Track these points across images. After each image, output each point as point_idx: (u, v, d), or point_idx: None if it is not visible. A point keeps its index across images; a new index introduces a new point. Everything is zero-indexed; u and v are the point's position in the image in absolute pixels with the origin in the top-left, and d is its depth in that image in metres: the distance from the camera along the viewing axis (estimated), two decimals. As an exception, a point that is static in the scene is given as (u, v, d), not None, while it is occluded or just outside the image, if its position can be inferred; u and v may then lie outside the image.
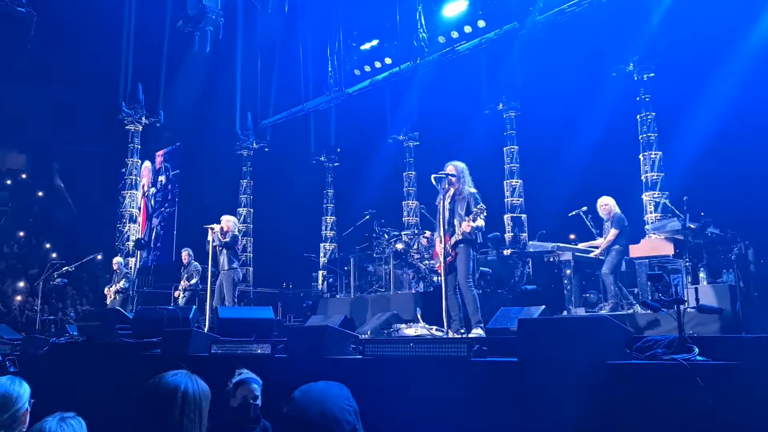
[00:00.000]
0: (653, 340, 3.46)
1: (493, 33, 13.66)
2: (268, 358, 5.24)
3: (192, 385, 1.99)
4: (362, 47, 16.34)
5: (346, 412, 1.77)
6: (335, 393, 1.83)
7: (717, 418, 2.96)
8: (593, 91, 13.78)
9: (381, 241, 11.37)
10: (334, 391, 1.84)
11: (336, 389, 1.85)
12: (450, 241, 6.46)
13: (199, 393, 2.00)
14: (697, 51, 11.97)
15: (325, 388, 1.84)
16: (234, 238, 9.64)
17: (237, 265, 9.67)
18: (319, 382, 1.88)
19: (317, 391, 1.82)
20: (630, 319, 6.92)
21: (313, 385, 1.86)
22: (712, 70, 11.98)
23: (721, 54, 11.84)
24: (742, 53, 11.75)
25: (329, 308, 11.21)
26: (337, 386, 1.87)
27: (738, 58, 11.82)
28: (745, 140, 11.22)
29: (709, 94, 12.00)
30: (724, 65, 11.93)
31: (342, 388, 1.87)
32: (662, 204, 12.39)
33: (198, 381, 2.04)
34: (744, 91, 11.67)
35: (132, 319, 7.36)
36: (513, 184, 16.10)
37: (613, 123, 13.62)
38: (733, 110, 11.71)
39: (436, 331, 6.74)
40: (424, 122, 17.90)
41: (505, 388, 3.77)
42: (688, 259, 7.00)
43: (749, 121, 11.37)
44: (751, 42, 11.65)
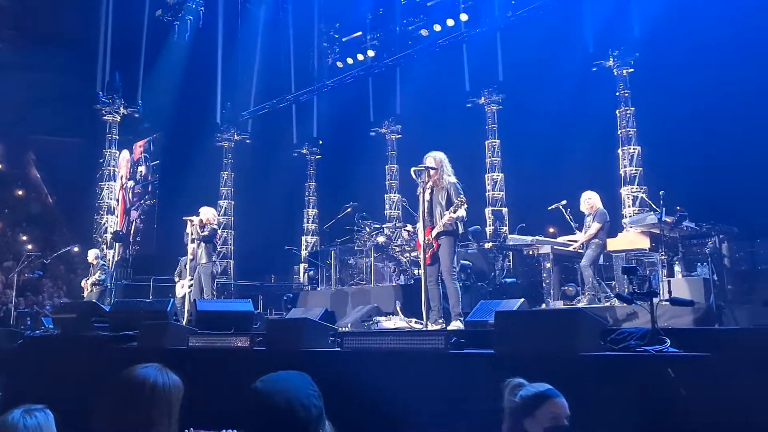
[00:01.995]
0: (627, 332, 3.51)
1: (475, 27, 13.68)
2: (247, 351, 5.23)
3: (162, 378, 1.98)
4: (345, 39, 16.28)
5: (312, 397, 1.77)
6: (298, 380, 1.82)
7: (687, 408, 3.01)
8: (574, 85, 13.85)
9: (362, 234, 11.38)
10: (297, 378, 1.83)
11: (298, 377, 1.84)
12: (431, 233, 6.47)
13: (170, 386, 1.98)
14: (675, 47, 12.09)
15: (287, 377, 1.83)
16: (213, 231, 9.57)
17: (215, 258, 9.62)
18: (279, 371, 1.86)
19: (280, 379, 1.81)
20: (608, 311, 6.99)
21: (274, 375, 1.84)
22: (691, 65, 12.10)
23: (699, 51, 11.96)
24: (720, 50, 11.88)
25: (310, 301, 11.21)
26: (298, 374, 1.86)
27: (716, 54, 11.95)
28: (720, 136, 11.37)
29: (688, 90, 12.12)
30: (702, 62, 12.06)
31: (303, 375, 1.86)
32: (640, 198, 12.53)
33: (169, 374, 2.03)
34: (722, 87, 11.80)
35: (108, 312, 7.29)
36: (494, 178, 16.17)
37: (593, 118, 13.72)
38: (711, 107, 11.85)
39: (415, 324, 6.77)
40: (406, 115, 17.88)
41: (481, 379, 3.79)
42: (664, 252, 7.09)
43: (725, 117, 11.51)
44: (728, 38, 11.78)
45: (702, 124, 11.83)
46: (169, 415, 1.94)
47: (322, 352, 4.78)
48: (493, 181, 16.15)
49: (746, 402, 2.92)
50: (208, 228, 9.49)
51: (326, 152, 19.78)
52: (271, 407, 1.72)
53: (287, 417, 1.71)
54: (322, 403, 1.79)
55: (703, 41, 11.84)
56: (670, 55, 12.33)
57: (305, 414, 1.72)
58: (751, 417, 2.93)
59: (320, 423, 1.76)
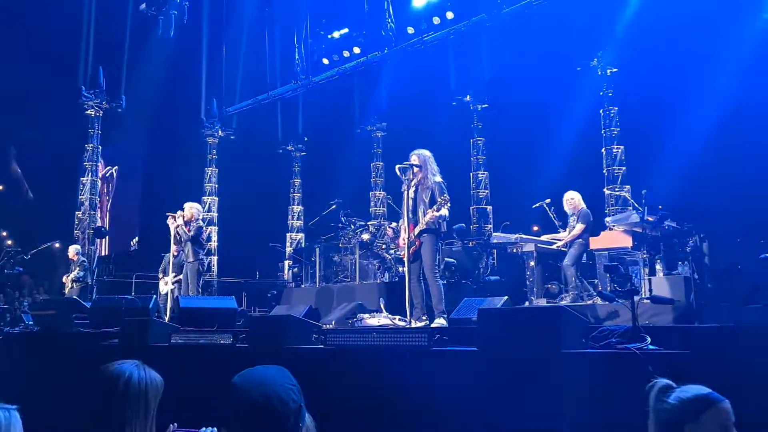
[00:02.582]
0: (608, 329, 3.53)
1: (461, 24, 13.68)
2: (229, 348, 5.21)
3: (138, 374, 1.95)
4: (330, 36, 16.20)
5: (291, 391, 1.75)
6: (276, 374, 1.80)
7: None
8: (559, 85, 13.94)
9: (347, 231, 11.36)
10: (275, 372, 1.81)
11: (275, 371, 1.82)
12: (414, 231, 6.48)
13: (146, 382, 1.95)
14: (659, 47, 12.20)
15: (265, 372, 1.81)
16: (199, 229, 9.48)
17: (202, 255, 9.56)
18: (257, 366, 1.84)
19: (258, 374, 1.79)
20: (590, 309, 7.04)
21: (252, 370, 1.82)
22: (674, 66, 12.23)
23: (682, 51, 12.09)
24: (703, 50, 12.01)
25: (294, 298, 11.18)
26: (276, 368, 1.84)
27: (699, 54, 12.09)
28: (702, 137, 11.50)
29: (671, 90, 12.26)
30: (685, 62, 12.19)
31: (282, 370, 1.84)
32: (623, 197, 12.64)
33: (147, 371, 2.00)
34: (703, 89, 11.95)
35: (89, 309, 7.22)
36: (479, 176, 16.22)
37: (577, 117, 13.81)
38: (693, 107, 11.99)
39: (398, 321, 6.77)
40: (392, 113, 17.87)
41: (464, 376, 3.80)
42: (645, 251, 7.16)
43: (707, 118, 11.65)
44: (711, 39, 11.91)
45: (684, 124, 11.97)
46: (145, 411, 1.92)
47: (305, 349, 4.77)
48: (478, 180, 16.20)
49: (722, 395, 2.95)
50: (194, 226, 9.41)
51: (311, 149, 19.73)
52: (249, 402, 1.70)
53: (265, 411, 1.69)
54: (302, 397, 1.78)
55: (686, 42, 11.96)
56: (652, 56, 12.45)
57: (283, 408, 1.70)
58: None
59: (299, 417, 1.74)
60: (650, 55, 12.44)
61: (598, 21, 13.12)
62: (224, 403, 1.80)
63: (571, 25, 12.95)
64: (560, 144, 13.48)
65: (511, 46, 13.91)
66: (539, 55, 13.66)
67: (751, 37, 11.69)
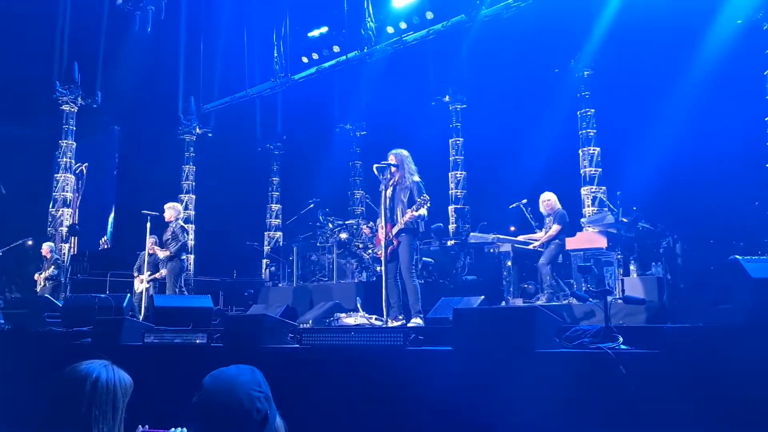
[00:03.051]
0: (581, 329, 3.57)
1: (440, 25, 13.72)
2: (204, 348, 5.16)
3: (106, 374, 1.91)
4: (310, 34, 16.14)
5: (256, 399, 1.70)
6: (246, 379, 1.73)
7: (638, 404, 3.08)
8: (537, 86, 14.06)
9: (325, 231, 11.35)
10: (245, 377, 1.74)
11: (248, 374, 1.76)
12: (392, 231, 6.49)
13: (114, 383, 1.92)
14: (636, 50, 12.36)
15: (236, 374, 1.75)
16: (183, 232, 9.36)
17: (184, 256, 9.50)
18: (231, 366, 1.79)
19: (227, 377, 1.74)
20: (566, 309, 7.11)
21: (224, 371, 1.77)
22: (650, 69, 12.40)
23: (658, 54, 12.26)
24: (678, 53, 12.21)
25: (271, 297, 11.13)
26: (249, 371, 1.78)
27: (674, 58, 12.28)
28: (676, 140, 11.69)
29: (647, 92, 12.43)
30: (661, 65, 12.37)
31: (254, 373, 1.78)
32: (599, 198, 12.78)
33: (116, 371, 1.96)
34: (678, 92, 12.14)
35: (61, 308, 7.11)
36: (457, 176, 16.28)
37: (555, 118, 13.95)
38: (668, 110, 12.17)
39: (375, 321, 6.78)
40: (371, 112, 17.85)
41: (440, 376, 3.82)
42: (620, 251, 7.24)
43: (682, 121, 11.84)
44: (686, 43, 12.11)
45: (659, 126, 12.15)
46: (113, 412, 1.89)
47: (280, 349, 4.75)
48: (457, 179, 16.26)
49: (693, 397, 3.01)
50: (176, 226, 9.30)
51: (290, 147, 19.63)
52: (214, 405, 1.67)
53: (228, 417, 1.66)
54: (269, 405, 1.73)
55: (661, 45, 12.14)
56: (629, 59, 12.61)
57: (246, 417, 1.66)
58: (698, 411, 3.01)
59: (264, 426, 1.69)
60: (627, 58, 12.60)
61: (576, 24, 13.26)
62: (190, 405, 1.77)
63: (549, 27, 13.08)
64: (538, 144, 13.59)
65: (490, 47, 13.99)
66: (518, 56, 13.77)
67: (724, 40, 11.91)
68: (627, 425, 3.14)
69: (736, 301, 3.38)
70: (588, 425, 3.21)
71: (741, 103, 12.00)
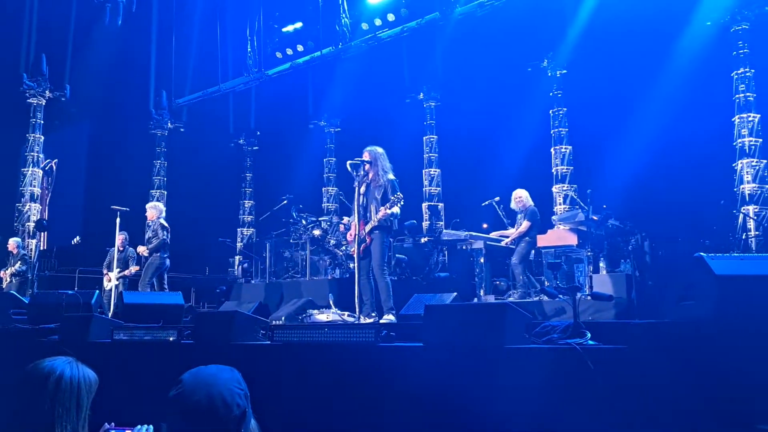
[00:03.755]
0: (550, 325, 3.62)
1: (415, 22, 13.74)
2: (174, 345, 5.11)
3: (70, 371, 1.88)
4: (284, 29, 16.02)
5: (237, 396, 1.73)
6: (226, 376, 1.77)
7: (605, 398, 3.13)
8: (510, 84, 14.18)
9: (298, 227, 11.30)
10: (225, 374, 1.78)
11: (227, 373, 1.79)
12: (365, 228, 6.49)
13: (78, 379, 1.89)
14: (608, 51, 12.54)
15: (216, 372, 1.78)
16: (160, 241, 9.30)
17: (167, 254, 9.41)
18: (210, 365, 1.82)
19: (207, 374, 1.77)
20: (537, 306, 7.20)
21: (204, 368, 1.80)
22: (622, 69, 12.59)
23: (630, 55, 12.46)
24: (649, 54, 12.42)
25: (243, 294, 11.06)
26: (229, 370, 1.82)
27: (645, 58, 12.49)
28: (646, 139, 11.89)
29: (618, 92, 12.62)
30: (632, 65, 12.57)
31: (233, 372, 1.81)
32: (570, 196, 12.95)
33: (80, 367, 1.93)
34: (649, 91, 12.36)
35: (27, 304, 6.97)
36: (431, 174, 16.34)
37: (528, 116, 14.10)
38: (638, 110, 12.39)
39: (347, 317, 6.78)
40: (345, 109, 17.82)
41: (410, 372, 3.84)
42: (590, 249, 7.35)
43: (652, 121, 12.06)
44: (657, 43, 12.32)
45: (629, 125, 12.35)
46: (77, 409, 1.86)
47: (251, 345, 4.72)
48: (431, 177, 16.32)
49: (657, 391, 3.07)
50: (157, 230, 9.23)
51: (264, 143, 19.51)
52: (193, 401, 1.68)
53: (207, 413, 1.67)
54: (247, 403, 1.76)
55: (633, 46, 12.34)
56: (601, 59, 12.79)
57: (226, 412, 1.69)
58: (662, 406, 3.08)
59: (243, 423, 1.72)
60: (599, 58, 12.78)
61: (549, 23, 13.42)
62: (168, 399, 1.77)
63: (523, 26, 13.21)
64: (511, 142, 13.72)
65: (464, 45, 14.07)
66: (491, 54, 13.87)
67: (694, 42, 12.16)
68: (595, 419, 3.19)
69: (700, 298, 3.45)
70: (557, 419, 3.25)
71: (709, 104, 12.27)
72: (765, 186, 11.68)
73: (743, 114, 11.85)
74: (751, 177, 11.69)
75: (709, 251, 3.72)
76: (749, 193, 11.66)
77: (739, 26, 11.92)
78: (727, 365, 3.06)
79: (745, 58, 11.93)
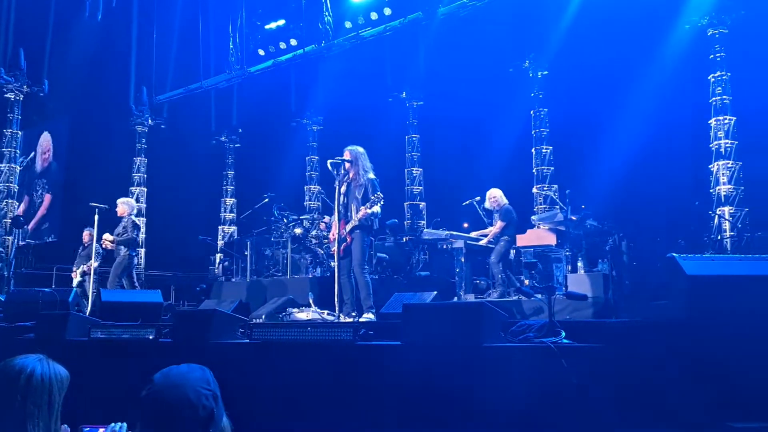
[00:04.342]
0: (526, 324, 3.66)
1: (398, 21, 13.76)
2: (152, 343, 5.08)
3: (41, 368, 1.87)
4: (267, 26, 15.94)
5: (203, 396, 1.73)
6: (195, 376, 1.77)
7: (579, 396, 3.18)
8: (492, 85, 14.27)
9: (279, 225, 11.26)
10: (195, 374, 1.78)
11: (198, 372, 1.79)
12: (346, 227, 6.50)
13: (50, 377, 1.88)
14: (589, 53, 12.66)
15: (186, 371, 1.78)
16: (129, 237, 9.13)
17: (135, 252, 9.27)
18: (182, 365, 1.82)
19: (177, 374, 1.77)
20: (516, 305, 7.25)
21: (175, 368, 1.80)
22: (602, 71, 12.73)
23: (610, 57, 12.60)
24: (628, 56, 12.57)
25: (224, 292, 10.99)
26: (200, 369, 1.81)
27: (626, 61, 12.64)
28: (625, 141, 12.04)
29: (598, 94, 12.76)
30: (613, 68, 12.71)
31: (204, 371, 1.81)
32: (550, 197, 13.07)
33: (51, 364, 1.92)
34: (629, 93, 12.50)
35: (3, 302, 6.89)
36: (413, 173, 16.40)
37: (509, 117, 14.20)
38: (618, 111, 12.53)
39: (327, 316, 6.78)
40: (328, 107, 17.81)
41: (388, 370, 3.86)
42: (568, 248, 7.42)
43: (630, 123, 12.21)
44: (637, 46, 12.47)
45: (609, 127, 12.49)
46: (48, 406, 1.85)
47: (230, 344, 4.72)
48: (412, 176, 16.38)
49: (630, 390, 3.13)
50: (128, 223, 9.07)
51: (246, 141, 19.43)
52: (161, 401, 1.69)
53: (174, 413, 1.68)
54: (216, 403, 1.76)
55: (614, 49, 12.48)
56: (582, 61, 12.92)
57: (192, 414, 1.69)
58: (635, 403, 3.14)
59: (210, 423, 1.72)
60: (580, 60, 12.92)
61: (531, 25, 13.52)
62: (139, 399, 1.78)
63: (505, 27, 13.30)
64: (492, 143, 13.81)
65: (447, 46, 14.13)
66: (474, 55, 13.95)
67: (673, 45, 12.33)
68: (569, 416, 3.24)
69: (672, 297, 3.52)
70: (532, 416, 3.30)
71: (687, 106, 12.46)
72: (740, 187, 11.89)
73: (720, 117, 12.04)
74: (726, 179, 11.89)
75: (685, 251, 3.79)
76: (725, 194, 11.86)
77: (716, 30, 12.11)
78: (698, 364, 3.12)
79: (722, 62, 12.12)
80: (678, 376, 3.14)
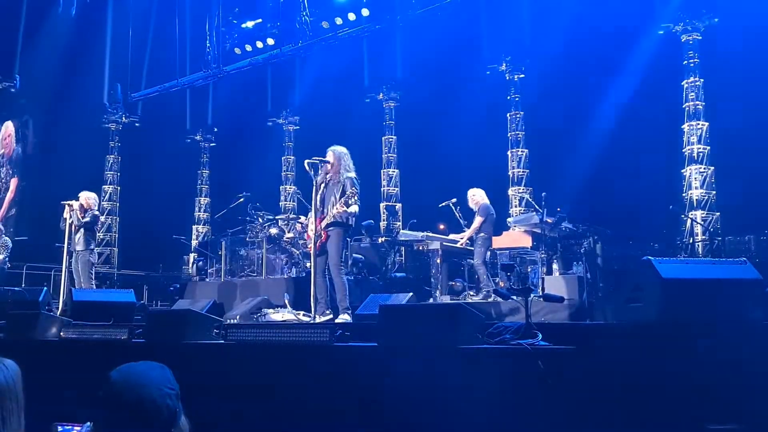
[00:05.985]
0: (503, 326, 3.67)
1: (375, 22, 13.76)
2: (124, 344, 5.00)
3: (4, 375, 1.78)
4: (243, 25, 15.82)
5: (167, 396, 1.68)
6: (156, 375, 1.71)
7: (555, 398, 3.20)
8: (469, 87, 14.34)
9: (255, 225, 11.17)
10: (155, 372, 1.72)
11: (157, 371, 1.74)
12: (321, 224, 6.46)
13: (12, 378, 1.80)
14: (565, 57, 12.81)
15: (146, 370, 1.72)
16: (94, 217, 9.04)
17: (93, 246, 9.10)
18: (140, 362, 1.76)
19: (136, 373, 1.71)
20: (494, 307, 7.27)
21: (133, 366, 1.73)
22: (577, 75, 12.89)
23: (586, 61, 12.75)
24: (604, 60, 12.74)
25: (198, 292, 10.86)
26: (159, 367, 1.76)
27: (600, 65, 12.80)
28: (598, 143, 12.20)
29: (573, 98, 12.91)
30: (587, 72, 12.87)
31: (164, 370, 1.76)
32: (526, 199, 13.17)
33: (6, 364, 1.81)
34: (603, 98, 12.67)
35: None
36: (390, 174, 16.39)
37: (485, 119, 14.28)
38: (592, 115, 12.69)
39: (303, 317, 6.75)
40: (305, 107, 17.75)
41: (365, 371, 3.84)
42: (544, 251, 7.48)
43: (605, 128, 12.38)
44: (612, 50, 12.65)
45: (584, 131, 12.65)
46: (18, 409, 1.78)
47: (204, 344, 4.65)
48: (389, 177, 16.37)
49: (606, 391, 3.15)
50: (90, 214, 8.95)
51: (221, 140, 19.25)
52: (122, 401, 1.64)
53: (136, 414, 1.63)
54: (179, 402, 1.71)
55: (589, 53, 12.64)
56: (558, 64, 13.06)
57: (155, 414, 1.65)
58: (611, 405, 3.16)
59: (172, 423, 1.68)
60: (556, 64, 13.05)
61: (508, 28, 13.63)
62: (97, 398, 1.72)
63: (481, 30, 13.40)
64: (469, 144, 13.86)
65: (424, 47, 14.18)
66: (450, 56, 14.02)
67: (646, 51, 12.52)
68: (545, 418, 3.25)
69: (647, 300, 3.56)
70: (509, 417, 3.31)
71: (660, 111, 12.66)
72: (712, 192, 12.11)
73: (692, 122, 12.25)
74: (699, 183, 12.10)
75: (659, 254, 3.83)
76: (697, 198, 12.07)
77: (689, 36, 12.32)
78: (674, 366, 3.16)
79: (695, 68, 12.34)
80: (654, 378, 3.17)
